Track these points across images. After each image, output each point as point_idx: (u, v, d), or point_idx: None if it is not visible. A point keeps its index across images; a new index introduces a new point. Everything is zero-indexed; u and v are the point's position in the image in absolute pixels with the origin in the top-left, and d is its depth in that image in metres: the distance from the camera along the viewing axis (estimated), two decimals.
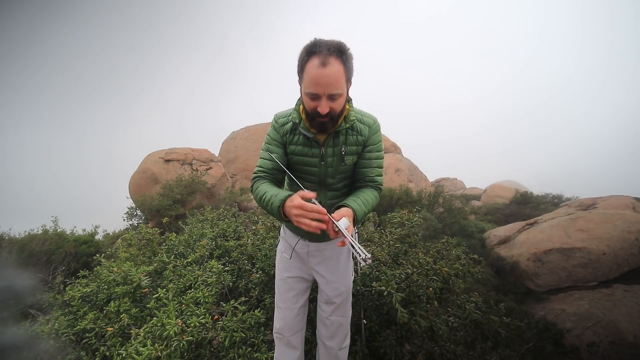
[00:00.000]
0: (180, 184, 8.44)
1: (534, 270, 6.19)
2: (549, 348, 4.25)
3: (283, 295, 1.45)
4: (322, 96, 1.07)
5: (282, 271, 1.47)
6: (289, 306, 1.44)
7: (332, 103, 1.08)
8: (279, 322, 1.46)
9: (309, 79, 1.07)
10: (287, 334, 1.44)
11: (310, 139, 1.21)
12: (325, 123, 1.12)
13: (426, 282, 2.03)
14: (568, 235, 6.35)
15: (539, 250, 6.29)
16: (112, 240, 7.45)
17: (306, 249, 1.40)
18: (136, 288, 1.99)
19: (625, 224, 6.17)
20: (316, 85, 1.05)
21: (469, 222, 8.44)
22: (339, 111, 1.12)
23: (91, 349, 1.78)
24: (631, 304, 5.01)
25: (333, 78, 1.04)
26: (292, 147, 1.26)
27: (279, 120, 1.29)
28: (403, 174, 11.45)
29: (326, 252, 1.40)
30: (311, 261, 1.41)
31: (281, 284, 1.46)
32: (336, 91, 1.06)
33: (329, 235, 1.37)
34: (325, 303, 1.45)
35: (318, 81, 1.04)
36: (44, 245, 6.00)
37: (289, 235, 1.45)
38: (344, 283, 1.43)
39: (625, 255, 5.77)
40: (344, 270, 1.43)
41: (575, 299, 5.53)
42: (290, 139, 1.26)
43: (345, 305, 1.46)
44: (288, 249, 1.44)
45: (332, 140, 1.22)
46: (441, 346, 1.90)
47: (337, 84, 1.06)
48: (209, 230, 2.90)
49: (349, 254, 1.46)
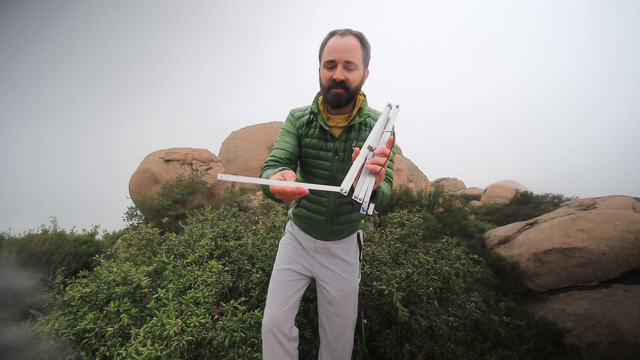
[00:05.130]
0: (180, 184, 8.45)
1: (534, 270, 6.19)
2: (549, 348, 4.24)
3: (278, 287, 1.37)
4: (338, 63, 1.11)
5: (282, 262, 1.42)
6: (283, 297, 1.34)
7: (347, 73, 1.12)
8: (271, 315, 1.33)
9: (327, 49, 1.14)
10: (280, 328, 1.31)
11: (326, 132, 1.23)
12: (340, 95, 1.14)
13: (426, 281, 2.03)
14: (568, 235, 6.35)
15: (539, 250, 6.29)
16: (112, 240, 7.45)
17: (313, 244, 1.38)
18: (136, 288, 1.99)
19: (625, 224, 6.17)
20: (333, 51, 1.11)
21: (469, 222, 8.44)
22: (354, 85, 1.15)
23: (91, 349, 1.78)
24: (631, 304, 5.00)
25: (350, 46, 1.11)
26: (307, 140, 1.26)
27: (295, 114, 1.31)
28: (403, 174, 11.46)
29: (332, 250, 1.38)
30: (316, 257, 1.39)
31: (279, 274, 1.40)
32: (352, 59, 1.11)
33: (335, 234, 1.34)
34: (329, 303, 1.40)
35: (335, 47, 1.11)
36: (43, 245, 6.01)
37: (295, 229, 1.44)
38: (349, 284, 1.39)
39: (625, 255, 5.77)
40: (350, 270, 1.40)
41: (575, 299, 5.53)
42: (306, 132, 1.27)
43: (349, 306, 1.41)
44: (293, 241, 1.43)
45: (345, 134, 1.23)
46: (441, 346, 1.90)
47: (353, 52, 1.11)
48: (209, 230, 2.90)
49: (356, 255, 1.43)
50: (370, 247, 2.43)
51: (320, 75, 1.19)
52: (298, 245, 1.43)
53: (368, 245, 2.52)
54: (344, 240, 1.41)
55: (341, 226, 1.35)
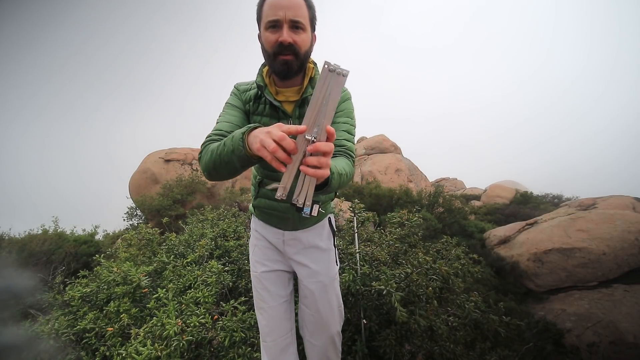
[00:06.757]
0: (180, 184, 8.45)
1: (534, 270, 6.18)
2: (549, 348, 4.24)
3: (261, 293, 1.27)
4: (283, 22, 0.95)
5: (256, 266, 1.30)
6: (271, 304, 1.26)
7: (295, 35, 0.96)
8: (266, 327, 1.26)
9: (268, 7, 0.97)
10: (280, 337, 1.26)
11: (278, 109, 1.07)
12: (290, 62, 0.98)
13: (426, 281, 2.03)
14: (568, 235, 6.35)
15: (539, 250, 6.29)
16: (112, 240, 7.46)
17: (281, 237, 1.26)
18: (136, 288, 1.99)
19: (625, 224, 6.17)
20: (276, 9, 0.95)
21: (469, 222, 8.43)
22: (304, 50, 1.00)
23: (91, 349, 1.78)
24: (631, 304, 5.00)
25: (294, 2, 0.95)
26: (257, 117, 1.10)
27: (240, 87, 1.15)
28: (403, 174, 11.46)
29: (303, 240, 1.26)
30: (288, 251, 1.27)
31: (257, 282, 1.29)
32: (298, 17, 0.96)
33: (303, 221, 1.22)
34: (305, 297, 1.29)
35: (278, 4, 0.95)
36: (44, 245, 6.01)
37: (260, 225, 1.32)
38: (326, 273, 1.28)
39: (626, 255, 5.76)
40: (325, 258, 1.29)
41: (575, 299, 5.53)
42: (254, 109, 1.11)
43: (330, 298, 1.28)
44: (261, 241, 1.30)
45: (298, 110, 1.08)
46: (441, 346, 1.90)
47: (299, 9, 0.96)
48: (209, 230, 2.90)
49: (330, 240, 1.33)
50: (370, 247, 2.43)
51: (263, 41, 1.01)
52: (267, 244, 1.31)
53: (367, 245, 2.52)
54: (315, 227, 1.29)
55: None
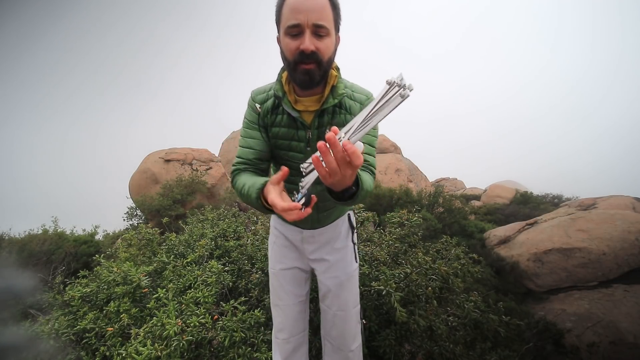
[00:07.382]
0: (180, 184, 8.45)
1: (534, 270, 6.18)
2: (549, 348, 4.24)
3: (278, 291, 1.29)
4: (304, 28, 0.85)
5: (275, 264, 1.32)
6: (287, 302, 1.27)
7: (318, 41, 0.87)
8: (281, 323, 1.28)
9: (288, 10, 0.87)
10: (293, 336, 1.27)
11: (296, 120, 1.00)
12: (312, 72, 0.89)
13: (425, 281, 2.03)
14: (568, 235, 6.35)
15: (539, 250, 6.29)
16: (112, 240, 7.45)
17: (300, 235, 1.26)
18: (136, 288, 1.99)
19: (625, 224, 6.17)
20: (297, 13, 0.85)
21: (469, 222, 8.43)
22: (327, 57, 0.91)
23: (91, 349, 1.78)
24: (631, 304, 5.00)
25: (318, 4, 0.85)
26: (275, 129, 1.04)
27: (256, 98, 1.06)
28: (403, 174, 11.45)
29: (322, 237, 1.26)
30: (307, 249, 1.27)
31: (274, 279, 1.30)
32: (321, 22, 0.86)
33: (322, 220, 1.23)
34: (324, 295, 1.30)
35: (299, 7, 0.85)
36: (44, 245, 6.01)
37: (279, 222, 1.32)
38: (343, 270, 1.27)
39: (626, 256, 5.76)
40: (342, 255, 1.29)
41: (575, 299, 5.52)
42: (272, 120, 1.04)
43: (347, 296, 1.28)
44: (279, 238, 1.32)
45: (317, 120, 1.01)
46: (440, 346, 1.90)
47: (322, 12, 0.86)
48: (209, 230, 2.90)
49: (348, 237, 1.34)
50: (370, 247, 2.44)
51: (282, 47, 0.92)
52: (285, 242, 1.31)
53: (367, 245, 2.52)
54: (333, 224, 1.29)
55: (328, 211, 1.22)
